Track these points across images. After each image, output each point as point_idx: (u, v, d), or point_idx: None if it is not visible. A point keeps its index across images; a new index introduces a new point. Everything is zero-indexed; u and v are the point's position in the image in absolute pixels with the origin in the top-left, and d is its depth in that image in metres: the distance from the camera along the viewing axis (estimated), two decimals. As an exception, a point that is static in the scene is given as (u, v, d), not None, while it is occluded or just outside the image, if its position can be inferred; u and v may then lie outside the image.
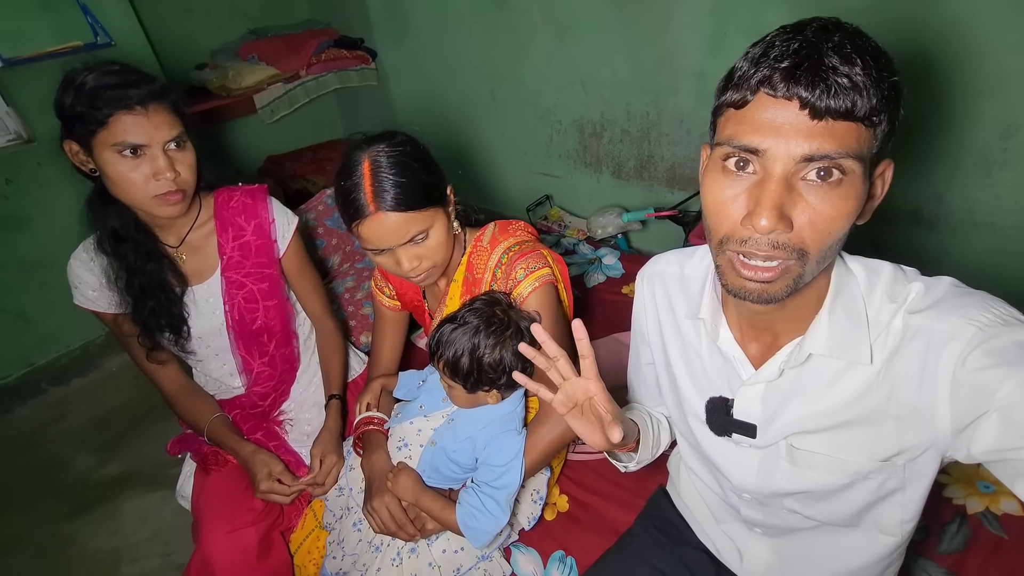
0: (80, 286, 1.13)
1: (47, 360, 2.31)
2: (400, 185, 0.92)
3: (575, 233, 2.26)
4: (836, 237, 0.55)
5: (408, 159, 0.95)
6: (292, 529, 1.20)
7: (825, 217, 0.53)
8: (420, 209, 0.94)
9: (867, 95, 0.49)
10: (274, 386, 1.31)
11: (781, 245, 0.54)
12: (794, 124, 0.51)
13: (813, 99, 0.49)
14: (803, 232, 0.53)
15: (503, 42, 2.39)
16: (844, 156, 0.51)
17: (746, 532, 0.83)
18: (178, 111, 1.02)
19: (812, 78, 0.49)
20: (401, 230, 0.94)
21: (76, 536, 1.76)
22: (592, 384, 0.70)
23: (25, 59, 1.94)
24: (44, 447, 2.11)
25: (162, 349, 1.19)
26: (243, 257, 1.19)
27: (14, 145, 2.06)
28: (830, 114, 0.50)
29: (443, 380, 0.98)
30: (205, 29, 2.76)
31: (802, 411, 0.67)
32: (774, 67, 0.51)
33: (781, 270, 0.55)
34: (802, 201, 0.53)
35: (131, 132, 0.96)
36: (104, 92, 0.94)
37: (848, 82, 0.49)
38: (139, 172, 0.98)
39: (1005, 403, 0.52)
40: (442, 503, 0.96)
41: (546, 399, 0.72)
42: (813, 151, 0.51)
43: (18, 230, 2.10)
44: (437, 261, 1.00)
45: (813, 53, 0.50)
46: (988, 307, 0.56)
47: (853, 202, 0.53)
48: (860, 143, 0.51)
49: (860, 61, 0.49)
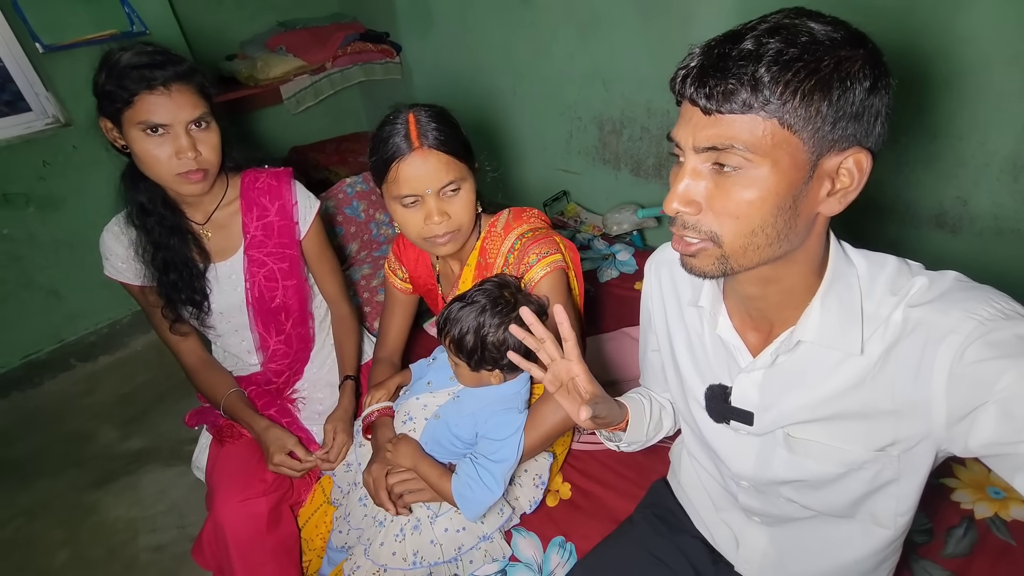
0: (110, 257, 1.18)
1: (76, 337, 2.40)
2: (442, 131, 0.97)
3: (591, 229, 2.26)
4: (752, 225, 0.57)
5: (449, 117, 1.01)
6: (301, 503, 1.24)
7: (726, 204, 0.57)
8: (458, 158, 0.98)
9: (757, 89, 0.51)
10: (289, 364, 1.35)
11: (690, 226, 0.59)
12: (693, 118, 0.56)
13: (695, 96, 0.54)
14: (709, 216, 0.58)
15: (526, 38, 2.40)
16: (733, 148, 0.54)
17: (744, 520, 0.84)
18: (204, 92, 1.06)
19: (697, 77, 0.54)
20: (440, 172, 0.97)
21: (98, 506, 1.83)
22: (574, 365, 0.76)
23: (64, 46, 2.02)
24: (71, 420, 2.20)
25: (184, 322, 1.23)
26: (266, 237, 1.23)
27: (52, 128, 2.15)
28: (717, 111, 0.54)
29: (450, 357, 1.00)
30: (236, 20, 2.83)
31: (799, 400, 0.68)
32: (680, 68, 0.56)
33: (697, 248, 0.60)
34: (707, 189, 0.58)
35: (154, 111, 0.99)
36: (131, 72, 0.98)
37: (732, 81, 0.52)
38: (162, 150, 1.02)
39: (1004, 396, 0.51)
40: (439, 471, 0.98)
41: (537, 377, 0.79)
42: (705, 143, 0.55)
43: (53, 210, 2.19)
44: (463, 223, 1.02)
45: (707, 56, 0.54)
46: (990, 301, 0.56)
47: (755, 191, 0.55)
48: (757, 135, 0.53)
49: (756, 57, 0.51)
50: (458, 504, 0.94)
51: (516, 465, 0.96)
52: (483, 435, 0.97)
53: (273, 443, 1.17)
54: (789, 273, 0.63)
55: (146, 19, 2.17)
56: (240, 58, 2.76)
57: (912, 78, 1.52)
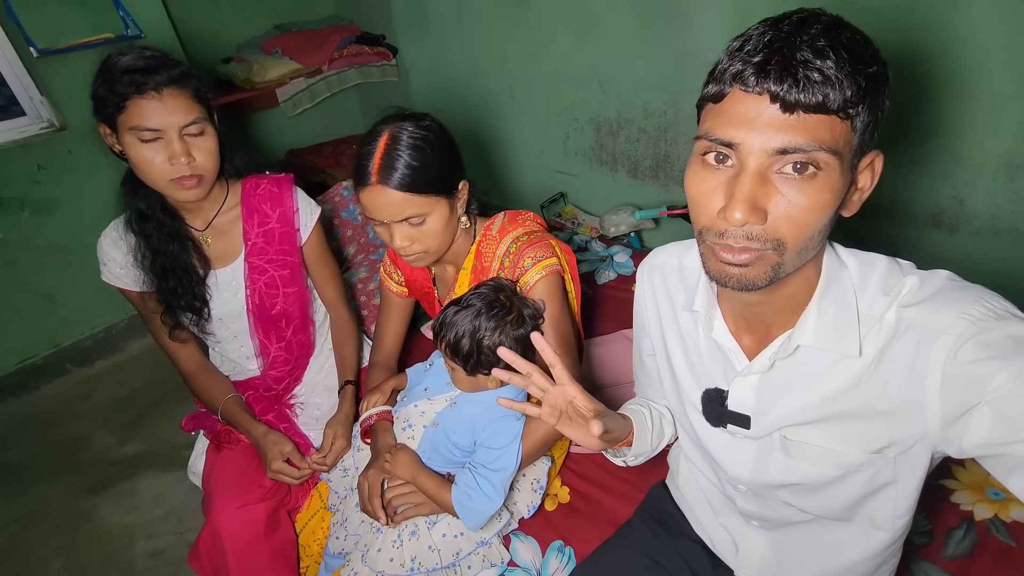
0: (108, 263, 1.17)
1: (72, 341, 2.38)
2: (408, 166, 0.94)
3: (588, 231, 2.26)
4: (815, 229, 0.55)
5: (426, 144, 0.97)
6: (298, 509, 1.23)
7: (800, 209, 0.53)
8: (420, 194, 0.96)
9: (839, 88, 0.50)
10: (289, 371, 1.34)
11: (755, 237, 0.55)
12: (766, 118, 0.52)
13: (783, 93, 0.50)
14: (779, 224, 0.54)
15: (522, 39, 2.40)
16: (817, 149, 0.51)
17: (743, 525, 0.84)
18: (199, 97, 1.05)
19: (781, 72, 0.50)
20: (396, 208, 0.96)
21: (94, 512, 1.82)
22: (568, 388, 0.71)
23: (58, 49, 2.01)
24: (67, 425, 2.18)
25: (183, 328, 1.22)
26: (267, 243, 1.22)
27: (47, 132, 2.14)
28: (801, 107, 0.50)
29: (446, 362, 0.99)
30: (232, 24, 2.83)
31: (795, 403, 0.67)
32: (747, 61, 0.52)
33: (757, 255, 0.56)
34: (777, 194, 0.54)
35: (146, 116, 0.98)
36: (123, 76, 0.97)
37: (819, 76, 0.49)
38: (156, 155, 1.01)
39: (997, 396, 0.51)
40: (438, 482, 0.98)
41: (533, 415, 0.74)
42: (785, 144, 0.51)
43: (48, 214, 2.17)
44: (430, 247, 1.02)
45: (784, 47, 0.50)
46: (982, 300, 0.55)
47: (829, 195, 0.54)
48: (835, 136, 0.52)
49: (833, 54, 0.50)
50: (459, 514, 0.93)
51: (515, 473, 0.96)
52: (481, 443, 0.96)
53: (271, 449, 1.16)
54: (797, 277, 0.62)
55: (141, 22, 2.16)
56: (236, 61, 2.75)
57: (909, 78, 1.52)
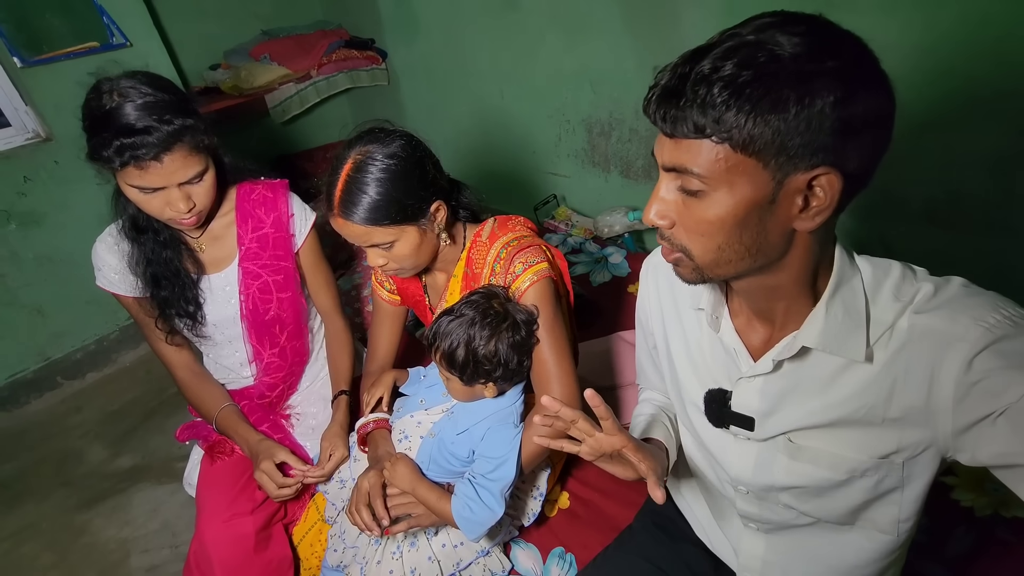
0: (103, 268, 1.15)
1: (63, 354, 2.36)
2: (368, 200, 0.92)
3: (582, 232, 2.25)
4: (716, 241, 0.58)
5: (388, 175, 0.93)
6: (295, 522, 1.22)
7: (693, 222, 0.58)
8: (382, 226, 0.94)
9: (708, 114, 0.50)
10: (283, 378, 1.32)
11: (667, 239, 0.62)
12: (662, 138, 0.57)
13: (658, 119, 0.55)
14: (680, 232, 0.60)
15: (512, 42, 2.39)
16: (690, 172, 0.54)
17: (742, 528, 0.83)
18: (200, 147, 1.01)
19: (659, 99, 0.54)
20: (361, 238, 0.96)
21: (88, 527, 1.80)
22: (618, 439, 0.68)
23: (43, 59, 1.99)
24: (58, 439, 2.16)
25: (178, 333, 1.22)
26: (260, 249, 1.21)
27: (32, 143, 2.12)
28: (676, 134, 0.54)
29: (441, 372, 0.98)
30: (219, 30, 2.81)
31: (801, 406, 0.67)
32: (651, 87, 0.56)
33: (674, 259, 0.63)
34: (675, 207, 0.59)
35: (145, 178, 0.97)
36: (115, 140, 0.92)
37: (685, 106, 0.52)
38: (155, 201, 1.02)
39: (1013, 407, 0.51)
40: (438, 493, 0.96)
41: (572, 452, 0.71)
42: (666, 164, 0.57)
43: (36, 226, 2.15)
44: (404, 266, 1.02)
45: (673, 74, 0.54)
46: (997, 308, 0.55)
47: (718, 211, 0.55)
48: (710, 159, 0.53)
49: (708, 82, 0.50)
50: (459, 526, 0.92)
51: (515, 482, 0.95)
52: (480, 453, 0.95)
53: (263, 452, 1.14)
54: (780, 281, 0.62)
55: (127, 31, 2.14)
56: (224, 68, 2.74)
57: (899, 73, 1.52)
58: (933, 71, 1.49)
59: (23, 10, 1.93)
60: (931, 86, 1.51)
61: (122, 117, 0.93)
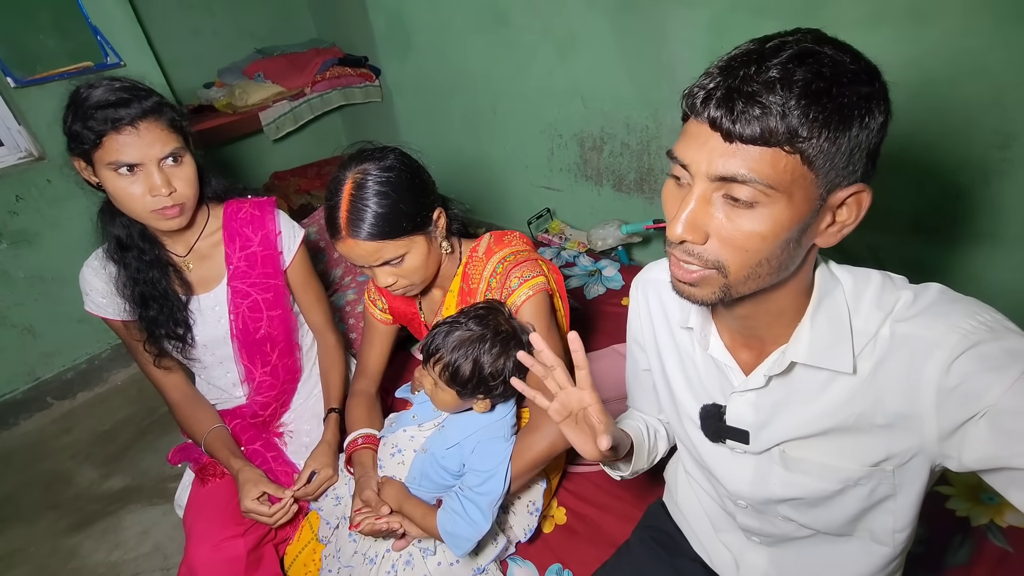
0: (91, 293, 1.15)
1: (53, 374, 2.33)
2: (375, 215, 0.93)
3: (575, 246, 2.26)
4: (760, 256, 0.55)
5: (390, 188, 0.95)
6: (288, 541, 1.20)
7: (739, 236, 0.54)
8: (393, 238, 0.95)
9: (783, 121, 0.49)
10: (275, 396, 1.32)
11: (696, 255, 0.57)
12: (711, 143, 0.53)
13: (720, 122, 0.51)
14: (717, 246, 0.55)
15: (504, 58, 2.42)
16: (754, 181, 0.51)
17: (744, 541, 0.83)
18: (175, 126, 1.03)
19: (721, 102, 0.51)
20: (372, 255, 0.96)
21: (78, 550, 1.76)
22: (587, 394, 0.71)
23: (36, 79, 2.00)
24: (48, 460, 2.12)
25: (168, 356, 1.20)
26: (249, 267, 1.21)
27: (25, 162, 2.12)
28: (739, 138, 0.51)
29: (428, 380, 0.97)
30: (213, 49, 2.83)
31: (793, 417, 0.67)
32: (701, 87, 0.53)
33: (699, 277, 0.58)
34: (716, 218, 0.55)
35: (123, 151, 0.97)
36: (96, 112, 0.95)
37: (759, 109, 0.49)
38: (135, 188, 1.00)
39: (993, 410, 0.52)
40: (424, 509, 0.96)
41: (543, 406, 0.73)
42: (722, 172, 0.52)
43: (27, 245, 2.14)
44: (415, 281, 1.02)
45: (733, 77, 0.51)
46: (974, 314, 0.56)
47: (769, 226, 0.53)
48: (777, 170, 0.51)
49: (783, 87, 0.49)
50: (445, 541, 0.91)
51: (503, 497, 0.94)
52: (470, 467, 0.95)
53: (243, 486, 1.12)
54: (778, 296, 0.63)
55: (120, 50, 2.15)
56: (218, 86, 2.75)
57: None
58: (917, 84, 1.52)
59: (18, 30, 1.93)
60: (916, 99, 1.54)
61: (100, 95, 0.97)
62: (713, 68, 0.54)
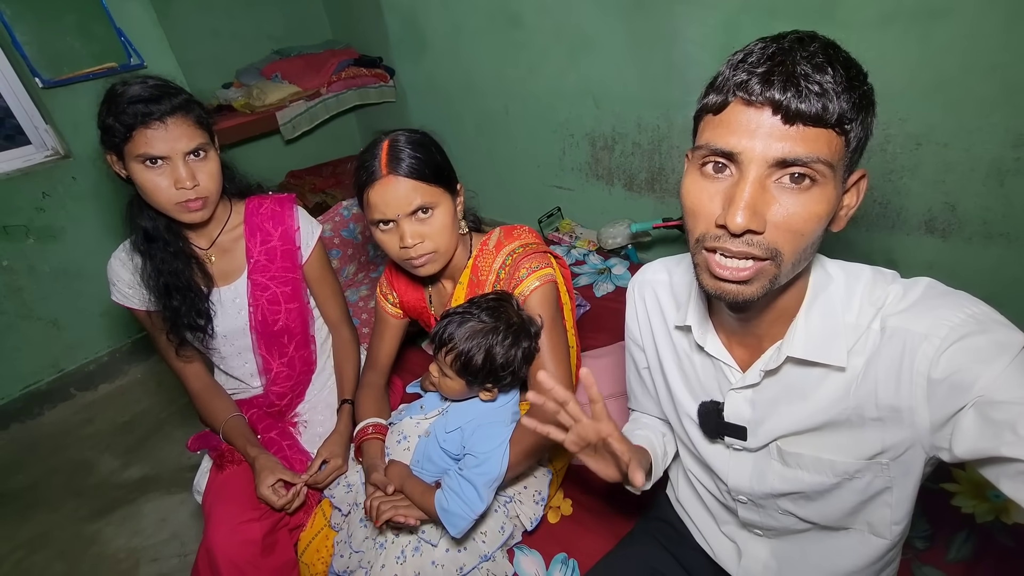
0: (117, 283, 1.19)
1: (76, 366, 2.40)
2: (413, 157, 0.99)
3: (586, 244, 2.28)
4: (810, 240, 0.56)
5: (425, 142, 1.03)
6: (302, 527, 1.23)
7: (798, 219, 0.54)
8: (428, 183, 1.00)
9: (837, 102, 0.51)
10: (291, 387, 1.35)
11: (755, 244, 0.55)
12: (767, 128, 0.53)
13: (785, 103, 0.51)
14: (776, 233, 0.55)
15: (517, 59, 2.45)
16: (815, 161, 0.53)
17: (746, 534, 0.84)
18: (201, 123, 1.09)
19: (785, 83, 0.51)
20: (408, 196, 0.99)
21: (99, 536, 1.82)
22: (603, 426, 0.68)
23: (62, 80, 2.06)
24: (71, 450, 2.19)
25: (189, 346, 1.25)
26: (269, 261, 1.25)
27: (51, 160, 2.18)
28: (801, 119, 0.52)
29: (443, 370, 1.00)
30: (232, 50, 2.89)
31: (789, 413, 0.68)
32: (751, 72, 0.53)
33: (755, 270, 0.57)
34: (775, 203, 0.54)
35: (151, 144, 1.02)
36: (128, 107, 1.01)
37: (819, 88, 0.51)
38: (162, 180, 1.05)
39: (981, 401, 0.53)
40: (423, 488, 0.99)
41: (558, 440, 0.70)
42: (785, 154, 0.53)
43: (53, 240, 2.20)
44: (440, 245, 1.03)
45: (787, 60, 0.52)
46: (962, 307, 0.57)
47: (824, 205, 0.55)
48: (831, 149, 0.53)
49: (831, 69, 0.52)
50: (440, 519, 0.93)
51: (500, 479, 0.96)
52: (469, 448, 0.97)
53: (259, 474, 1.16)
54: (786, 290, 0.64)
55: (143, 51, 2.21)
56: (236, 86, 2.81)
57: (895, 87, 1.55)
58: (929, 83, 1.52)
59: (46, 32, 2.00)
60: (927, 99, 1.54)
61: (135, 91, 1.03)
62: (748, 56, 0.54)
